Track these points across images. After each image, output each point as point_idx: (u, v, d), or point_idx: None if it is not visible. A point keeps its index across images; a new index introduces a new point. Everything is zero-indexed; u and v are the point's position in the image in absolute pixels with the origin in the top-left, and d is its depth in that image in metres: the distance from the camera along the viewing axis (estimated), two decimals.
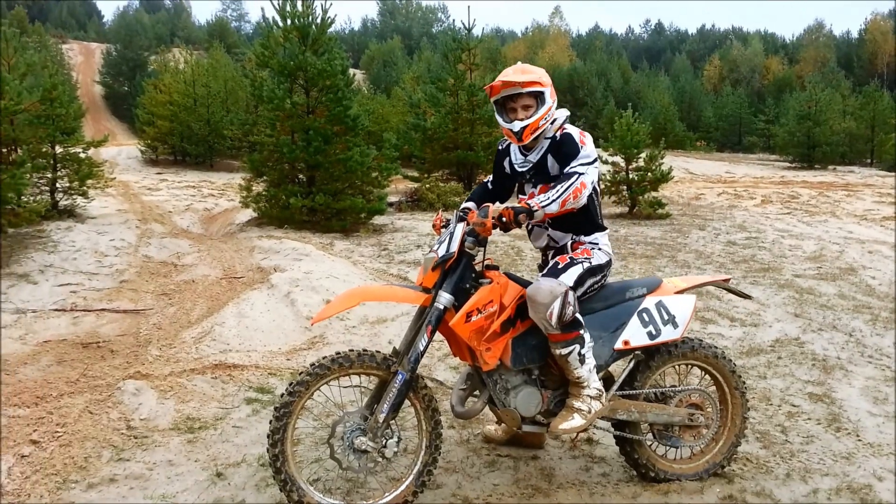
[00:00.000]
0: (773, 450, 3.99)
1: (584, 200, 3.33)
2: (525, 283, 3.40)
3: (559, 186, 3.28)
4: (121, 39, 51.73)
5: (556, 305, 3.23)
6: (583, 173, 3.32)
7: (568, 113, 3.62)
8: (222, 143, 25.38)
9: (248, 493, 3.42)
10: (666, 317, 3.57)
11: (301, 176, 11.92)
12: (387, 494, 3.28)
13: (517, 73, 3.50)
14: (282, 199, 11.50)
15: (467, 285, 3.30)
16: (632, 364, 3.64)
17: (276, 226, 11.33)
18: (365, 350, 3.27)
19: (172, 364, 5.10)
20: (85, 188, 12.32)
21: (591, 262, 3.47)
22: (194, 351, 5.42)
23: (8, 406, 4.21)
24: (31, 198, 10.83)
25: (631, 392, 3.60)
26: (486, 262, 3.45)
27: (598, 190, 3.59)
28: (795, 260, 9.10)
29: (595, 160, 3.42)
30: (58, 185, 12.25)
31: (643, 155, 13.27)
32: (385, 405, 3.17)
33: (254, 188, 12.28)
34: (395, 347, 3.35)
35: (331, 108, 11.43)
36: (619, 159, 13.25)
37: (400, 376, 3.19)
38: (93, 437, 3.88)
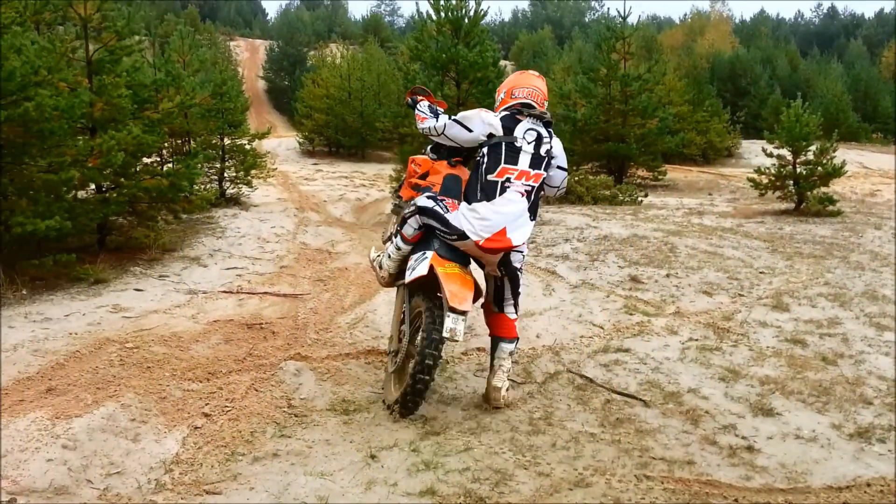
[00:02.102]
0: None
1: (418, 127, 4.47)
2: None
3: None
4: (283, 36, 54.45)
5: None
6: (435, 117, 4.41)
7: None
8: (374, 135, 26.18)
9: (401, 476, 3.48)
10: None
11: None
12: None
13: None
14: None
15: None
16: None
17: None
18: None
19: (329, 347, 5.31)
20: (249, 178, 13.11)
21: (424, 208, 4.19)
22: (349, 336, 5.61)
23: (183, 380, 4.53)
24: (203, 186, 11.66)
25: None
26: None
27: (484, 166, 4.13)
28: None
29: (449, 125, 4.31)
30: (225, 174, 13.10)
31: (813, 148, 12.37)
32: None
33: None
34: None
35: (481, 101, 11.48)
36: (785, 152, 12.42)
37: None
38: (258, 413, 4.10)
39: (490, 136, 4.16)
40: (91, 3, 8.25)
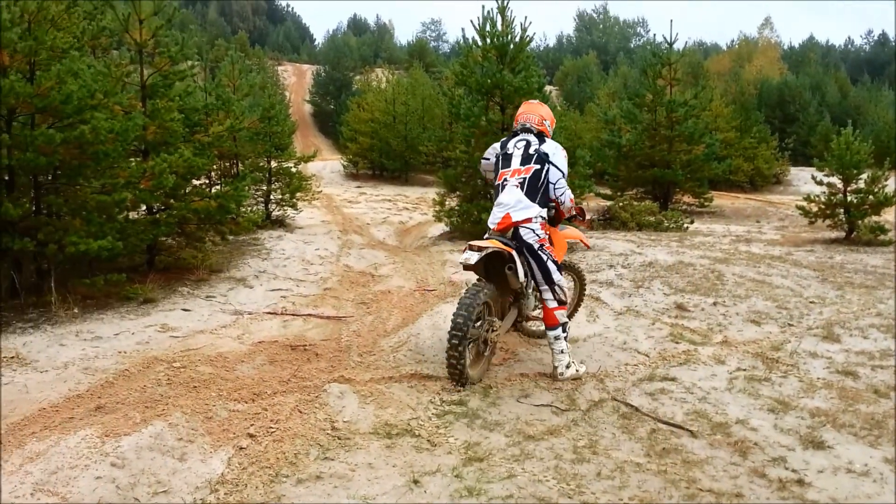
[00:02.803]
0: None
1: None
2: None
3: None
4: (329, 61, 55.22)
5: None
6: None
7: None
8: (417, 159, 26.42)
9: (444, 502, 3.46)
10: None
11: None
12: None
13: None
14: (473, 215, 11.71)
15: None
16: None
17: (468, 240, 11.52)
18: None
19: (372, 370, 5.32)
20: (295, 200, 13.29)
21: None
22: (392, 359, 5.62)
23: (229, 400, 4.58)
24: (249, 208, 11.85)
25: None
26: None
27: (495, 176, 5.42)
28: None
29: (481, 164, 5.78)
30: (271, 196, 13.30)
31: (864, 176, 12.10)
32: None
33: (447, 203, 12.61)
34: None
35: None
36: (835, 180, 12.17)
37: None
38: (302, 435, 4.12)
39: (497, 156, 5.42)
40: (146, 30, 8.51)
